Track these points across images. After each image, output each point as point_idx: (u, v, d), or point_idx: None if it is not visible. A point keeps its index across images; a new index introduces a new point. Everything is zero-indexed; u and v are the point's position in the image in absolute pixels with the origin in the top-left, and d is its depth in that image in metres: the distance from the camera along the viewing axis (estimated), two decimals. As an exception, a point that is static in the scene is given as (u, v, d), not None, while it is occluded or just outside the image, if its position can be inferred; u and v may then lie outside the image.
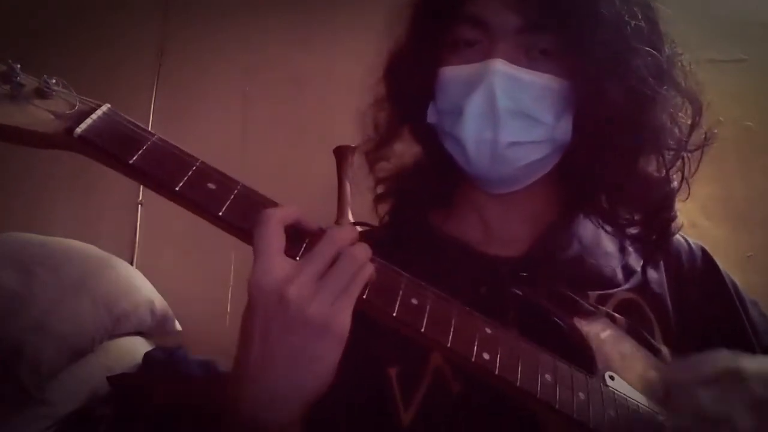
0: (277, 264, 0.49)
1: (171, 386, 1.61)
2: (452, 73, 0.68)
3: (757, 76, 1.92)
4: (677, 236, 0.78)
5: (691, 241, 0.80)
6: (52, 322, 1.59)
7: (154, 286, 1.94)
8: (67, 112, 0.51)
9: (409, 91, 0.73)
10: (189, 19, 2.26)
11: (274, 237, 0.50)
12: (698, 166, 0.71)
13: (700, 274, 0.77)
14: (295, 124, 2.14)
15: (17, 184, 2.17)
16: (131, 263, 2.06)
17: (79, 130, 0.49)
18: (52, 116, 0.50)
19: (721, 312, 0.75)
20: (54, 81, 0.51)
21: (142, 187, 2.14)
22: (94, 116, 0.50)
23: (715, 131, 0.71)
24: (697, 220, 1.75)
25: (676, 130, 0.69)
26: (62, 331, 1.60)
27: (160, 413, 1.53)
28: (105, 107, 0.52)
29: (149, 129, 0.52)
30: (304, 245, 0.52)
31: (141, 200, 2.14)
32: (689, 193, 0.72)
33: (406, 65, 0.73)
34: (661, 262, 0.76)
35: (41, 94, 0.51)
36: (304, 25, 2.21)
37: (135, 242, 2.13)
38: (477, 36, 0.67)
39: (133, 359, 1.72)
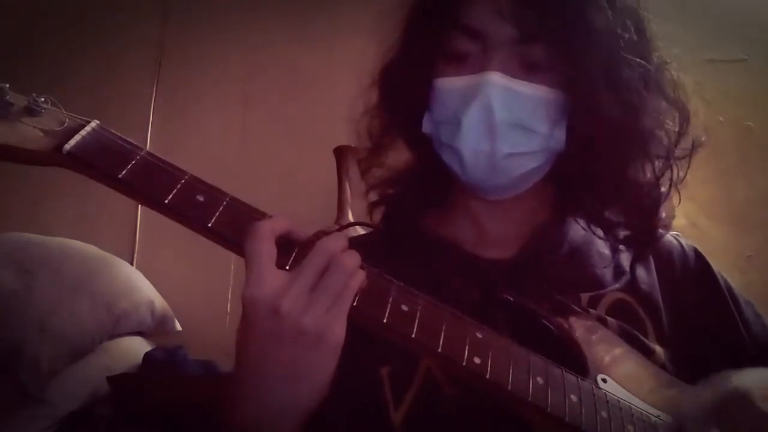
0: (270, 277, 0.50)
1: (171, 386, 1.61)
2: (448, 85, 0.68)
3: (757, 76, 1.92)
4: (670, 237, 0.79)
5: (683, 242, 0.80)
6: (52, 322, 1.59)
7: (154, 286, 1.94)
8: (56, 129, 0.51)
9: (403, 101, 0.73)
10: (189, 19, 2.26)
11: (264, 250, 0.50)
12: (686, 173, 0.72)
13: (692, 275, 0.77)
14: (295, 124, 2.14)
15: (17, 184, 2.17)
16: (131, 263, 2.06)
17: (68, 146, 0.50)
18: (41, 133, 0.51)
19: (715, 312, 0.75)
20: (43, 99, 0.52)
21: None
22: (83, 132, 0.51)
23: (703, 139, 0.72)
24: (697, 220, 1.75)
25: (665, 138, 0.70)
26: (62, 331, 1.60)
27: (159, 413, 1.53)
28: (94, 123, 0.53)
29: (149, 129, 0.53)
30: (294, 255, 0.52)
31: (141, 200, 2.14)
32: (680, 200, 0.73)
33: (400, 74, 0.73)
34: (652, 264, 0.76)
35: (30, 111, 0.51)
36: (304, 25, 2.21)
37: (135, 242, 2.13)
38: (472, 46, 0.67)
39: (133, 359, 1.72)
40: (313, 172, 1.94)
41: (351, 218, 1.77)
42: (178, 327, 1.96)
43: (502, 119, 0.65)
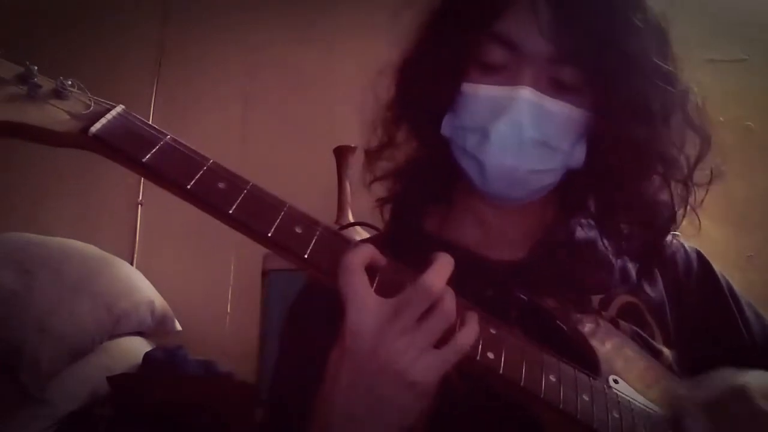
0: (372, 309, 0.50)
1: (171, 386, 1.61)
2: (477, 92, 0.67)
3: (757, 76, 1.92)
4: (673, 240, 0.79)
5: (686, 244, 0.80)
6: (52, 322, 1.59)
7: (154, 286, 1.94)
8: (83, 112, 0.52)
9: (424, 101, 0.71)
10: (189, 18, 2.26)
11: (362, 282, 0.51)
12: (703, 199, 0.72)
13: (696, 278, 0.78)
14: (295, 124, 2.14)
15: (17, 184, 2.17)
16: (131, 263, 2.06)
17: (93, 129, 0.50)
18: (67, 116, 0.52)
19: (717, 313, 0.76)
20: (70, 82, 0.53)
21: (142, 187, 2.14)
22: (108, 116, 0.52)
23: (723, 169, 0.71)
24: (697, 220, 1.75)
25: (684, 164, 0.70)
26: (62, 331, 1.60)
27: (159, 413, 1.53)
28: (119, 108, 0.53)
29: (153, 129, 0.53)
30: (376, 280, 0.53)
31: (141, 200, 2.14)
32: (700, 226, 0.73)
33: (424, 74, 0.71)
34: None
35: (57, 94, 0.52)
36: (304, 25, 2.21)
37: (135, 242, 2.13)
38: (504, 56, 0.66)
39: (133, 359, 1.73)
40: (313, 172, 1.94)
41: (351, 218, 1.77)
42: (178, 327, 1.96)
43: (530, 137, 0.65)
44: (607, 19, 0.63)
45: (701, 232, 0.73)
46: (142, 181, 2.15)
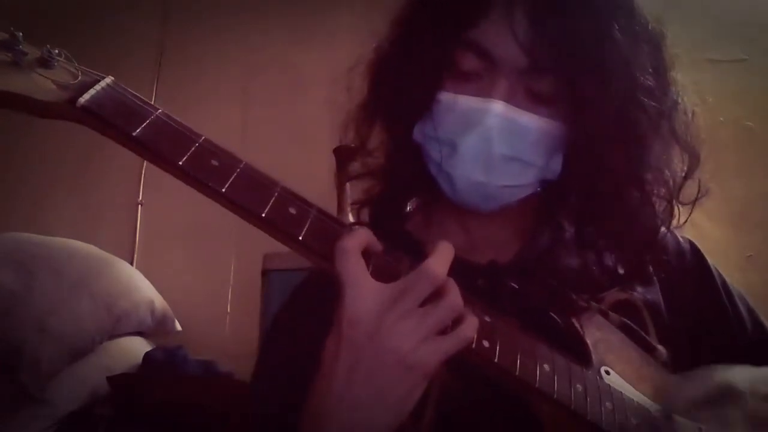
0: (371, 294, 0.49)
1: (171, 386, 1.61)
2: (449, 101, 0.65)
3: (757, 76, 1.92)
4: (667, 233, 0.78)
5: (679, 234, 0.79)
6: (52, 322, 1.59)
7: (154, 286, 1.94)
8: (71, 82, 0.50)
9: (399, 104, 0.70)
10: (189, 18, 2.27)
11: (359, 267, 0.50)
12: (687, 218, 0.70)
13: (689, 270, 0.77)
14: (295, 124, 2.14)
15: (17, 184, 2.17)
16: (131, 263, 2.06)
17: (82, 100, 0.48)
18: (54, 86, 0.49)
19: (710, 307, 0.76)
20: (57, 51, 0.51)
21: (142, 187, 2.14)
22: (97, 87, 0.50)
23: (709, 186, 0.69)
24: (697, 220, 1.75)
25: (670, 181, 0.68)
26: (62, 331, 1.60)
27: (159, 413, 1.53)
28: (108, 79, 0.51)
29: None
30: (371, 266, 0.52)
31: (141, 200, 2.14)
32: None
33: (400, 77, 0.69)
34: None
35: (44, 63, 0.50)
36: (304, 25, 2.21)
37: (135, 242, 2.13)
38: (478, 65, 0.64)
39: (133, 359, 1.73)
40: (313, 172, 1.94)
41: (351, 218, 1.77)
42: (178, 327, 1.96)
43: (500, 152, 0.63)
44: (586, 30, 0.61)
45: (701, 233, 0.72)
46: (142, 181, 2.15)
